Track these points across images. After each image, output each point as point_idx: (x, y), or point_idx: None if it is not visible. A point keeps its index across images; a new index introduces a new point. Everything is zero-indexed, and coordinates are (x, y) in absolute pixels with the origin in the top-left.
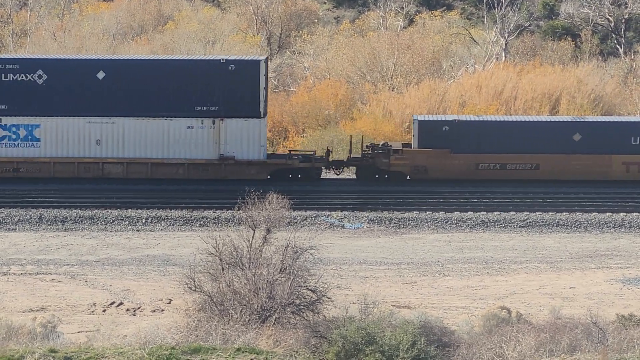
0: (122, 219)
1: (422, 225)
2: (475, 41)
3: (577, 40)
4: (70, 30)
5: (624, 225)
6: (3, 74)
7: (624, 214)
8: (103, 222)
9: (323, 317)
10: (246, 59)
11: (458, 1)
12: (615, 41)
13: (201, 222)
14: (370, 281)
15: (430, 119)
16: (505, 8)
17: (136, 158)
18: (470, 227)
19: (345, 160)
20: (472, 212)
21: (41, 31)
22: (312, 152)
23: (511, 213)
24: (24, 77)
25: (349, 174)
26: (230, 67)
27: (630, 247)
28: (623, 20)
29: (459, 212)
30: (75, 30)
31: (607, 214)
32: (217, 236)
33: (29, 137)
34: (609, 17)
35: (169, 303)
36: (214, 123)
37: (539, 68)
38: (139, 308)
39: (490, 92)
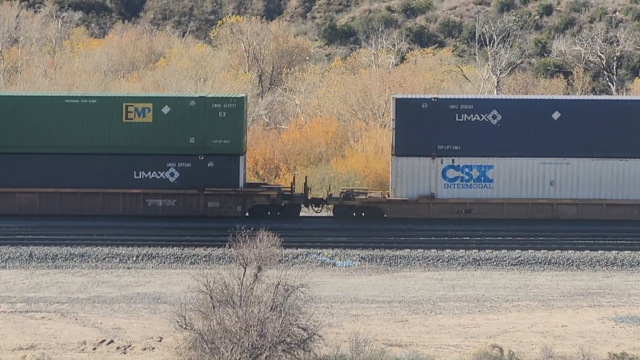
0: (113, 257)
1: (414, 263)
2: (467, 78)
3: (569, 77)
4: (61, 67)
5: (616, 263)
6: (457, 114)
7: (616, 251)
8: (94, 260)
9: (314, 355)
10: None
11: (450, 38)
12: (607, 79)
13: (192, 260)
14: (362, 319)
15: None
16: (497, 45)
17: (590, 199)
18: (462, 265)
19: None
20: (463, 250)
21: (32, 68)
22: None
23: (503, 251)
24: (478, 118)
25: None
26: None
27: (622, 285)
28: (615, 58)
29: (450, 250)
30: (67, 67)
31: (599, 251)
32: (207, 274)
33: (482, 177)
34: (601, 55)
35: (160, 341)
36: None
37: None
38: (130, 346)
39: None
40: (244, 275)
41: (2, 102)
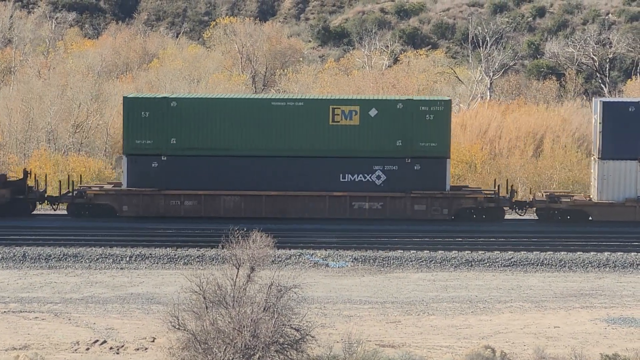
0: (106, 257)
1: (407, 264)
2: (460, 80)
3: (562, 79)
4: (55, 68)
5: (608, 265)
6: None
7: (608, 253)
8: (87, 260)
9: (307, 356)
10: None
11: (443, 40)
12: (600, 80)
13: (185, 260)
14: (354, 320)
15: None
16: (490, 47)
17: None
18: (455, 266)
19: None
20: (456, 252)
21: (26, 68)
22: None
23: (495, 252)
24: None
25: None
26: None
27: (614, 286)
28: (607, 60)
29: (443, 251)
30: (60, 67)
31: (592, 253)
32: (201, 274)
33: None
34: (594, 57)
35: (153, 341)
36: None
37: (524, 107)
38: (123, 346)
39: (474, 131)
40: (237, 275)
41: (210, 105)
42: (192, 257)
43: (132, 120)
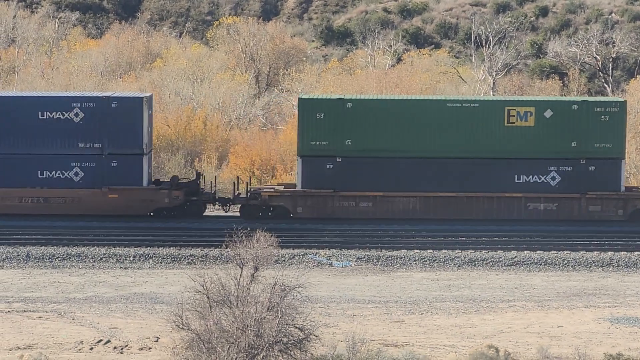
0: (110, 257)
1: (410, 263)
2: (463, 79)
3: (565, 79)
4: (58, 68)
5: (611, 264)
6: None
7: (612, 252)
8: (91, 260)
9: (311, 355)
10: None
11: (446, 39)
12: (603, 80)
13: (189, 260)
14: (358, 319)
15: None
16: (493, 47)
17: None
18: (458, 266)
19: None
20: (460, 251)
21: (29, 68)
22: None
23: (499, 251)
24: None
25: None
26: None
27: (618, 285)
28: (610, 59)
29: (446, 251)
30: (64, 67)
31: (595, 252)
32: (204, 274)
33: None
34: (597, 56)
35: (157, 341)
36: None
37: None
38: (127, 346)
39: None
40: (240, 275)
41: (385, 106)
42: (196, 257)
43: (307, 121)
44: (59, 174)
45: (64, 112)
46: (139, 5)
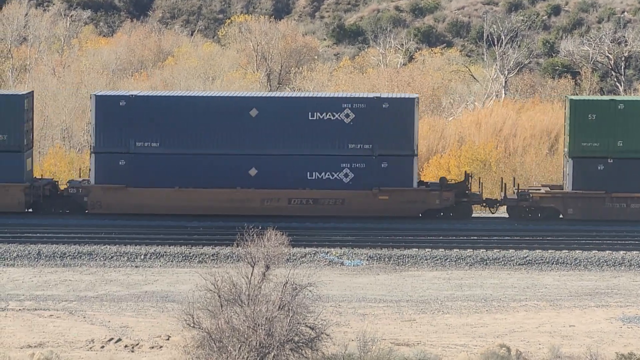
0: (121, 255)
1: (421, 262)
2: (475, 78)
3: (577, 77)
4: (69, 66)
5: (623, 264)
6: None
7: (624, 252)
8: (102, 258)
9: (322, 354)
10: None
11: (458, 38)
12: (615, 79)
13: (200, 259)
14: (369, 318)
15: None
16: (505, 45)
17: None
18: (470, 265)
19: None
20: (471, 250)
21: (41, 66)
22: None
23: (510, 251)
24: None
25: None
26: None
27: (630, 285)
28: (623, 58)
29: (458, 250)
30: (75, 65)
31: (607, 252)
32: (215, 273)
33: None
34: (609, 55)
35: (168, 339)
36: None
37: (539, 105)
38: (138, 344)
39: (489, 129)
40: (252, 274)
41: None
42: (207, 255)
43: (579, 123)
44: (328, 175)
45: (334, 113)
46: (150, 3)
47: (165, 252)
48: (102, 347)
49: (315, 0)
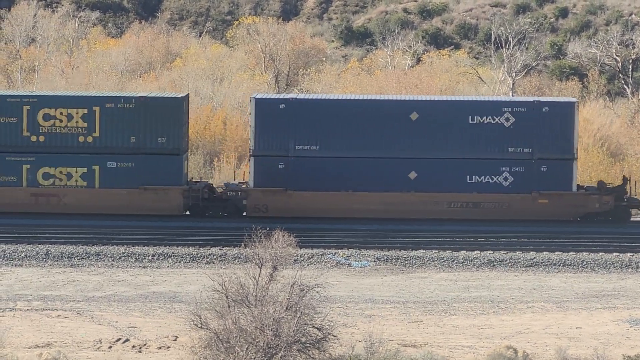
0: (129, 256)
1: (429, 264)
2: (482, 80)
3: (585, 80)
4: (78, 67)
5: (630, 266)
6: None
7: (631, 254)
8: (109, 259)
9: (329, 355)
10: None
11: (466, 40)
12: (623, 81)
13: (208, 259)
14: (377, 319)
15: None
16: (512, 47)
17: None
18: (477, 266)
19: None
20: (478, 252)
21: (49, 67)
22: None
23: (517, 252)
24: None
25: None
26: None
27: (637, 287)
28: (631, 61)
29: (465, 251)
30: (84, 66)
31: (614, 254)
32: (223, 273)
33: None
34: (617, 57)
35: (175, 340)
36: None
37: None
38: (145, 345)
39: None
40: (259, 274)
41: None
42: (215, 256)
43: None
44: (488, 178)
45: (494, 117)
46: (159, 4)
47: (173, 252)
48: (110, 347)
49: (324, 2)
